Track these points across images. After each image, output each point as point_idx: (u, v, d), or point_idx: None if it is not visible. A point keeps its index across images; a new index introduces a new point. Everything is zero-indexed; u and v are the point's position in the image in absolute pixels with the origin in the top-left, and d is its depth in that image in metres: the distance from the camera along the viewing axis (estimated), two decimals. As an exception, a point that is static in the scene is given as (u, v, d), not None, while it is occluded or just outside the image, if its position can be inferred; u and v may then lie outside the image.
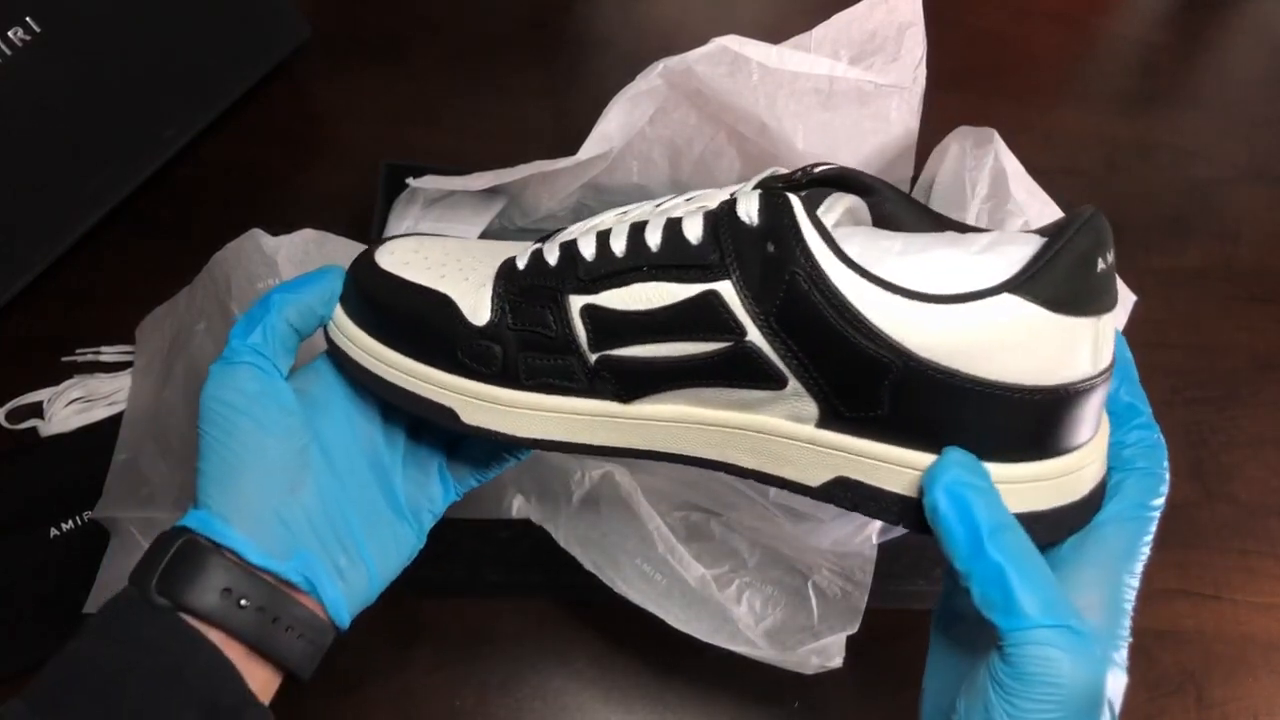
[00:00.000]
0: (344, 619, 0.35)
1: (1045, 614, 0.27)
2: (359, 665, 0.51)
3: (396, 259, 0.37)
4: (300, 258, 0.51)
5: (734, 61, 0.51)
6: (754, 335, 0.31)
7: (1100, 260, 0.29)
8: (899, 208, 0.34)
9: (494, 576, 0.53)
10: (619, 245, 0.33)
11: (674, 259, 0.32)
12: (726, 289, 0.31)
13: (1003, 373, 0.29)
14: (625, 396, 0.34)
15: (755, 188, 0.32)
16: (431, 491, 0.39)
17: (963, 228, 0.33)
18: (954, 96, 0.57)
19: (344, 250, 0.53)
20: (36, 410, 0.58)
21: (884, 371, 0.29)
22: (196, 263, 0.54)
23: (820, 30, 0.54)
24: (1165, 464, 0.33)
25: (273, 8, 0.71)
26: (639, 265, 0.32)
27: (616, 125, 0.51)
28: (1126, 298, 0.57)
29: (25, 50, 0.58)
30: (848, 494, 0.32)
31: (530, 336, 0.34)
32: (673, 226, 0.32)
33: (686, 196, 0.35)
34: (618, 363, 0.33)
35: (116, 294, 0.63)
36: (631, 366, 0.33)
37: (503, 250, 0.38)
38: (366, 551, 0.36)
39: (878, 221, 0.34)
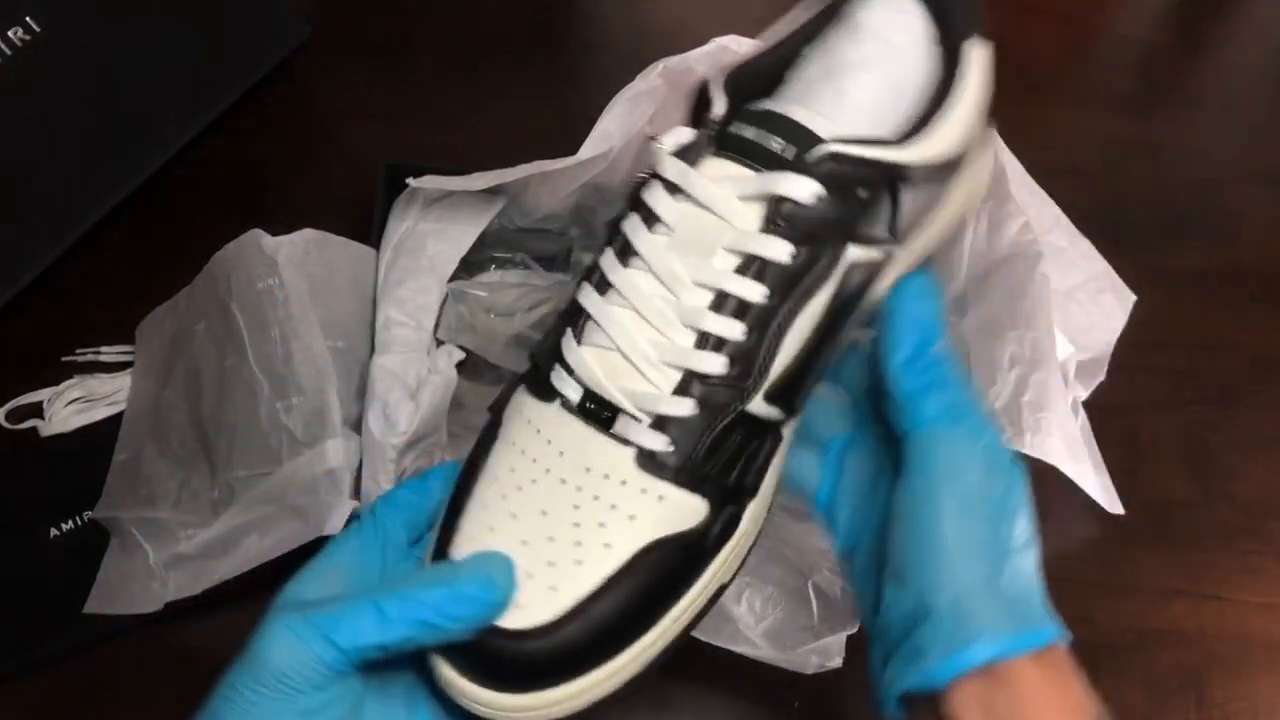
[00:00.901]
0: None
1: (959, 409, 0.29)
2: (359, 665, 0.51)
3: (547, 604, 0.29)
4: (300, 258, 0.51)
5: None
6: (895, 248, 0.32)
7: None
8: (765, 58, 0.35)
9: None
10: (733, 330, 0.30)
11: (793, 282, 0.30)
12: (855, 252, 0.31)
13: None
14: None
15: (685, 158, 0.31)
16: None
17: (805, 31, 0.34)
18: (954, 96, 0.57)
19: (344, 251, 0.53)
20: (36, 410, 0.58)
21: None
22: (196, 263, 0.54)
23: (820, 30, 0.54)
24: None
25: (273, 8, 0.71)
26: (769, 319, 0.30)
27: (616, 125, 0.51)
28: (1126, 298, 0.57)
29: (25, 50, 0.58)
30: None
31: (752, 469, 0.32)
32: (756, 267, 0.30)
33: (612, 256, 0.32)
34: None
35: (116, 294, 0.63)
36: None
37: (565, 489, 0.30)
38: None
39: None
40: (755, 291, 0.30)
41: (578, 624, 0.29)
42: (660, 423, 0.30)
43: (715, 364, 0.30)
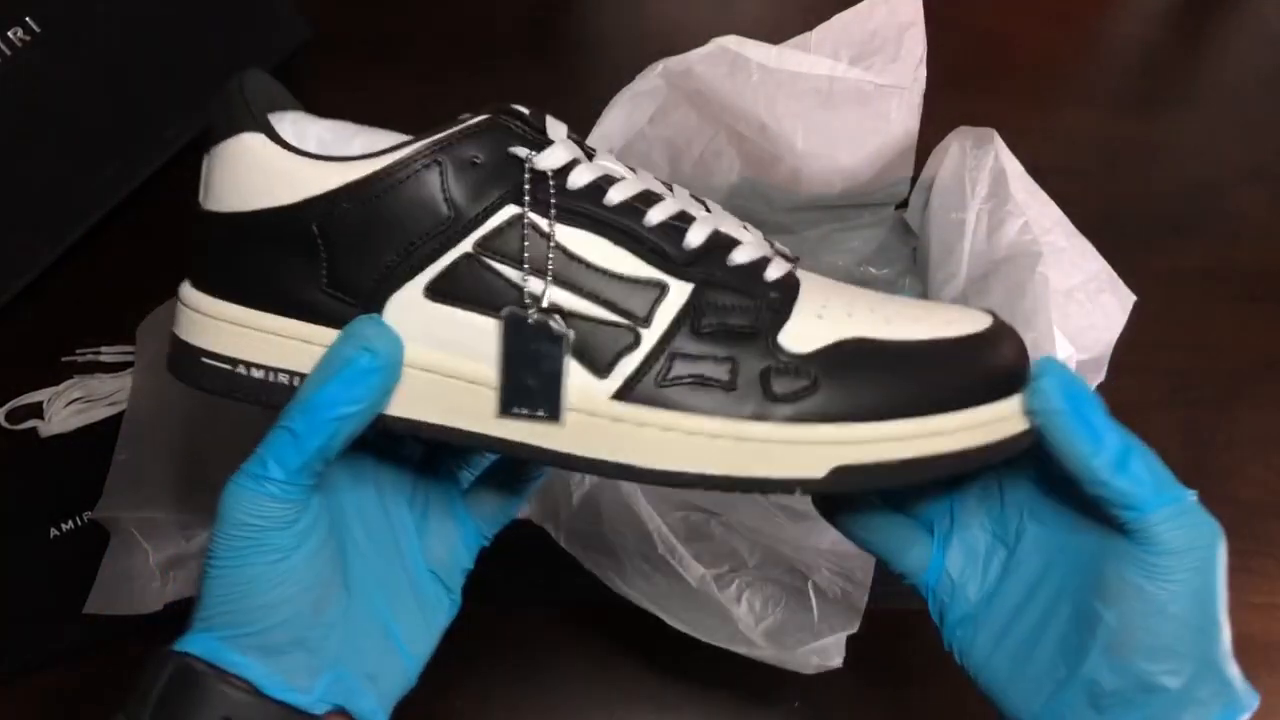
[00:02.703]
0: None
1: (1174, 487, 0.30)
2: (359, 665, 0.51)
3: None
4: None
5: (734, 61, 0.51)
6: None
7: None
8: None
9: (494, 577, 0.53)
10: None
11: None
12: None
13: None
14: None
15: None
16: (458, 545, 0.36)
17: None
18: (954, 96, 0.57)
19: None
20: (36, 410, 0.58)
21: None
22: (196, 263, 0.54)
23: (820, 30, 0.54)
24: None
25: (273, 8, 0.71)
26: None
27: (616, 125, 0.51)
28: (1126, 298, 0.57)
29: (25, 50, 0.58)
30: None
31: None
32: None
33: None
34: None
35: (116, 294, 0.63)
36: None
37: None
38: (400, 639, 0.33)
39: None
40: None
41: None
42: None
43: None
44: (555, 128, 0.33)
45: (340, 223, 0.29)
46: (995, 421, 0.30)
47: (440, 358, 0.30)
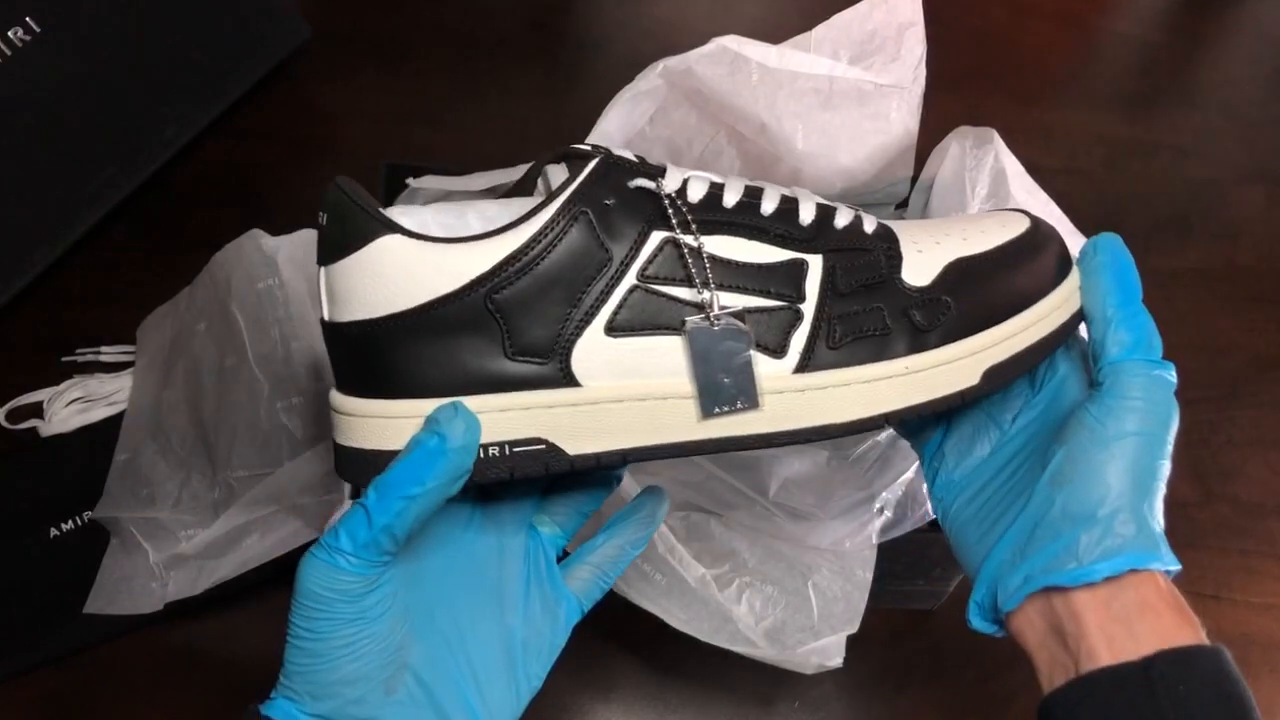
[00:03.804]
0: None
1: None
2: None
3: None
4: (300, 258, 0.51)
5: (734, 61, 0.51)
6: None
7: None
8: None
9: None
10: None
11: None
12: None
13: None
14: None
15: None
16: (558, 620, 0.37)
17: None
18: (954, 96, 0.57)
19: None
20: (36, 410, 0.58)
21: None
22: (196, 263, 0.54)
23: (820, 30, 0.54)
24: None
25: (273, 8, 0.71)
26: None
27: (616, 125, 0.51)
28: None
29: (25, 50, 0.58)
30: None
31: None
32: None
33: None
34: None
35: (116, 294, 0.63)
36: None
37: None
38: (479, 713, 0.34)
39: None
40: None
41: None
42: None
43: None
44: (625, 152, 0.35)
45: (511, 293, 0.31)
46: (1071, 295, 0.35)
47: (633, 386, 0.32)
